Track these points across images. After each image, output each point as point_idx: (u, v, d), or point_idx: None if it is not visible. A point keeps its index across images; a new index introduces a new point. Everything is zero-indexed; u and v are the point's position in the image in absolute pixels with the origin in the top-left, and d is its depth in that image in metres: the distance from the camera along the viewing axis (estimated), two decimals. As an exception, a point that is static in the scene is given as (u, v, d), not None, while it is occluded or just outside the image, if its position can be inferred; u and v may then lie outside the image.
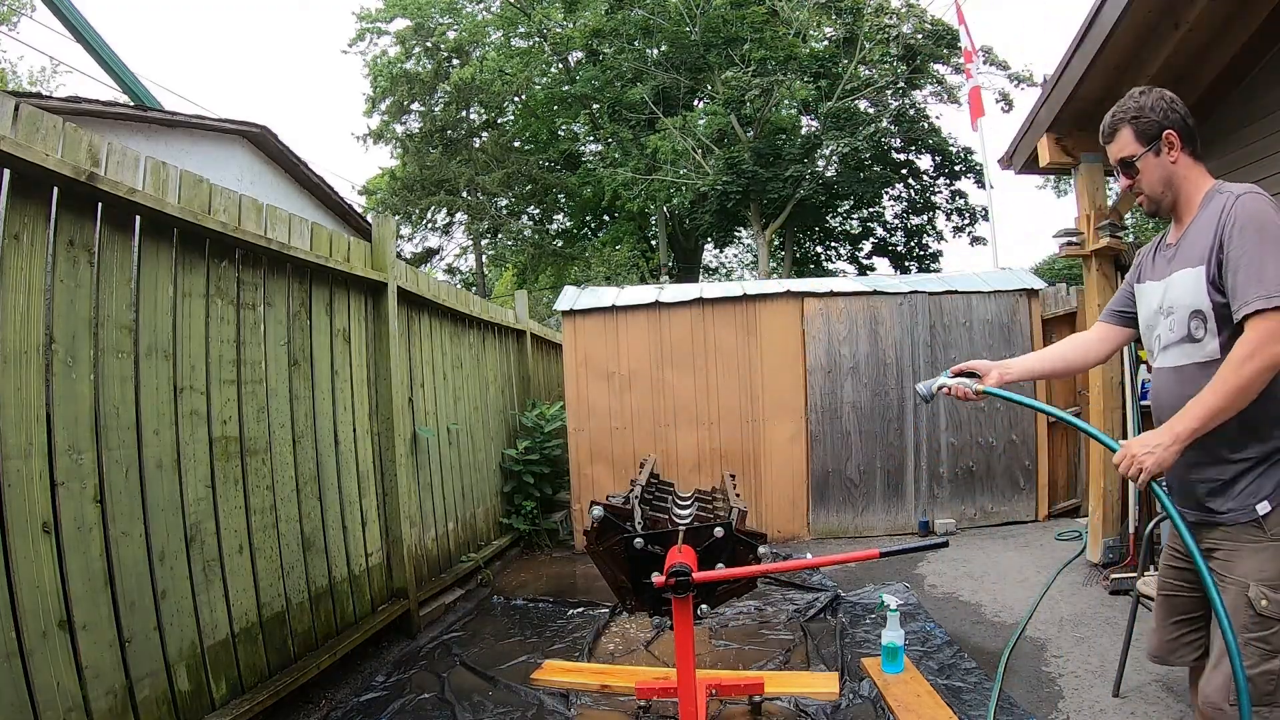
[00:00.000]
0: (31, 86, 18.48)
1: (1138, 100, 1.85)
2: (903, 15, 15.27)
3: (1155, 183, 1.82)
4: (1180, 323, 1.75)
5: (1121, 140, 1.86)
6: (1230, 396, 1.56)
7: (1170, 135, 1.79)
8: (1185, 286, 1.73)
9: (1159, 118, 1.80)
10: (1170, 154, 1.79)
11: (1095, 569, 4.30)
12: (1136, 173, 1.83)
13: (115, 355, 2.21)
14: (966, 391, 2.00)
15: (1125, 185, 1.89)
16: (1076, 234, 4.33)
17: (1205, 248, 1.68)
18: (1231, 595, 1.64)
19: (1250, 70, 3.99)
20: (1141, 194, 1.86)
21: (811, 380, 5.86)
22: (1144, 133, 1.82)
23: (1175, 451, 1.61)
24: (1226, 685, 1.60)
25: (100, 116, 6.03)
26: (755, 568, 2.27)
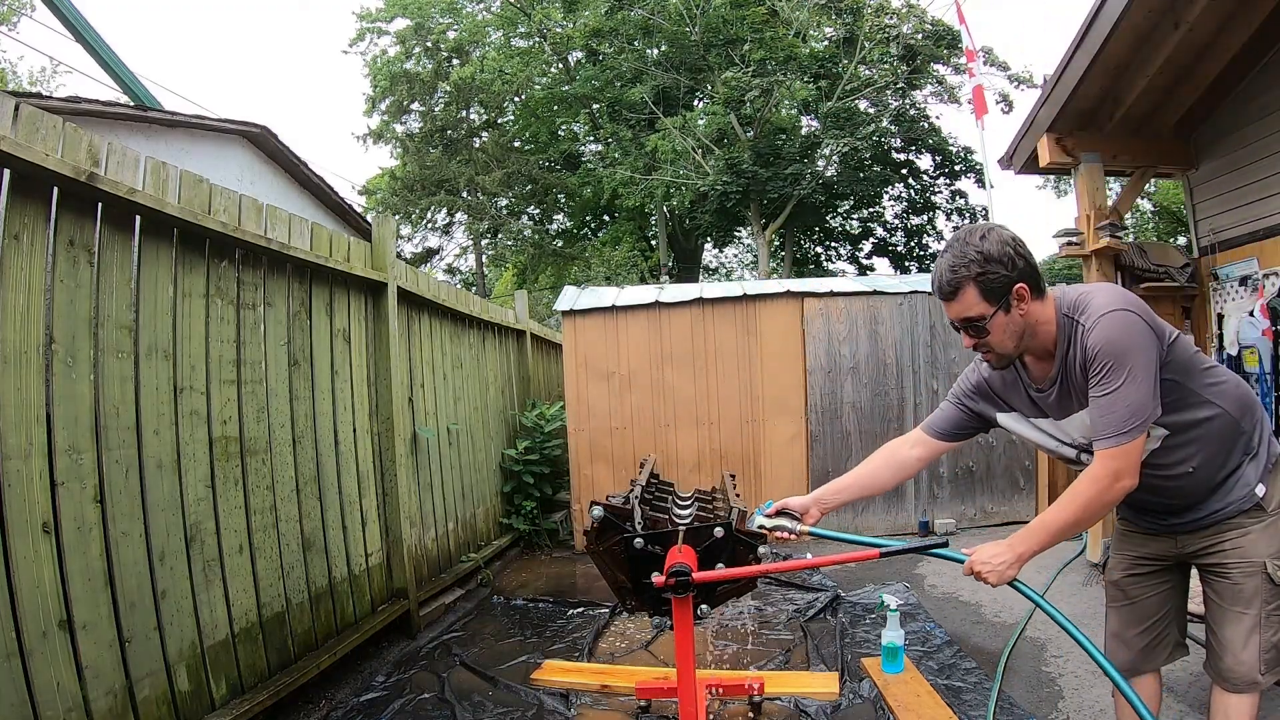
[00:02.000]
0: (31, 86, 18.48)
1: (979, 247, 1.63)
2: (903, 15, 15.28)
3: (1007, 339, 1.68)
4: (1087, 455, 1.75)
5: (966, 299, 1.65)
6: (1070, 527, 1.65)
7: (1020, 289, 1.63)
8: None
9: (1006, 271, 1.62)
10: (1021, 307, 1.65)
11: (1095, 569, 4.30)
12: (986, 333, 1.67)
13: (115, 355, 2.21)
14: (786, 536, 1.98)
15: (969, 343, 1.75)
16: (1076, 234, 4.33)
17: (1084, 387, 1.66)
18: (1252, 577, 1.70)
19: (1250, 70, 3.99)
20: (991, 353, 1.73)
21: (811, 380, 5.85)
22: (991, 291, 1.63)
23: (1015, 569, 1.67)
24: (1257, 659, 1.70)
25: (100, 116, 6.03)
26: (755, 568, 2.27)
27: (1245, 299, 4.11)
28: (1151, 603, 1.92)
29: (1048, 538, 1.66)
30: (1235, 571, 1.72)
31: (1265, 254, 4.00)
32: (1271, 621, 1.70)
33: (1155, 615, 1.92)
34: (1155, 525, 1.87)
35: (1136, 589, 1.94)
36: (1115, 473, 1.58)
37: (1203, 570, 1.82)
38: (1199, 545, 1.79)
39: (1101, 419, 1.59)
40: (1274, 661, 1.71)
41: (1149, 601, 1.92)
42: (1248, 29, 3.61)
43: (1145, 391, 1.56)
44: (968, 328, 1.70)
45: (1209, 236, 4.43)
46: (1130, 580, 1.95)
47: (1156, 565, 1.90)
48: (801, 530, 1.98)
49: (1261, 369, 3.91)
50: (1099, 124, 4.23)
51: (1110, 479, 1.59)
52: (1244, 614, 1.71)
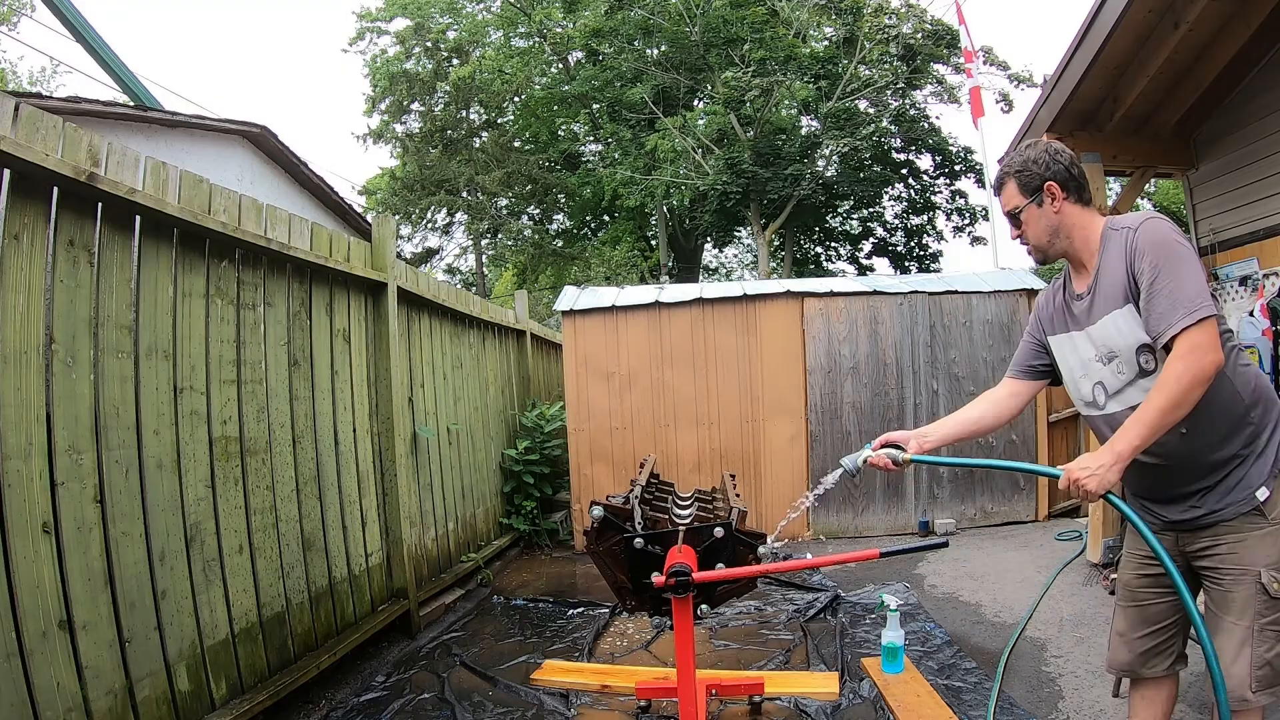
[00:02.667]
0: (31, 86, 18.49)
1: (1022, 154, 1.88)
2: (903, 15, 15.27)
3: (1041, 232, 1.86)
4: (1129, 363, 1.76)
5: (1007, 193, 1.90)
6: (1168, 412, 1.59)
7: (1051, 186, 1.82)
8: (1120, 328, 1.75)
9: (1041, 170, 1.84)
10: (1053, 204, 1.83)
11: (1095, 569, 4.30)
12: (1022, 224, 1.89)
13: (115, 355, 2.21)
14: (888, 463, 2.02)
15: (1014, 235, 1.93)
16: (1076, 234, 4.33)
17: (1122, 286, 1.72)
18: (1244, 586, 1.67)
19: (1250, 70, 3.99)
20: (1028, 244, 1.90)
21: (811, 380, 5.85)
22: (1026, 185, 1.85)
23: (1117, 471, 1.64)
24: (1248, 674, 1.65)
25: (100, 116, 6.03)
26: (755, 568, 2.27)
27: (1245, 299, 4.11)
28: (1158, 609, 1.90)
29: (1147, 430, 1.61)
30: (1227, 577, 1.71)
31: (1265, 254, 4.00)
32: (1265, 636, 1.66)
33: (1160, 623, 1.91)
34: (1158, 519, 1.86)
35: (1144, 592, 1.92)
36: (1199, 347, 1.56)
37: (1200, 574, 1.81)
38: (1197, 546, 1.77)
39: (1170, 303, 1.61)
40: (1267, 680, 1.67)
41: (1155, 608, 1.91)
42: (1248, 29, 3.61)
43: (1202, 278, 1.62)
44: (1010, 219, 1.92)
45: (1209, 236, 4.43)
46: (1139, 581, 1.93)
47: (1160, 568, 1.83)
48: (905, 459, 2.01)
49: (1261, 368, 3.92)
50: (1099, 124, 4.23)
51: (1197, 354, 1.56)
52: (1235, 624, 1.69)
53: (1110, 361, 1.80)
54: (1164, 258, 1.63)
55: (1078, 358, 1.89)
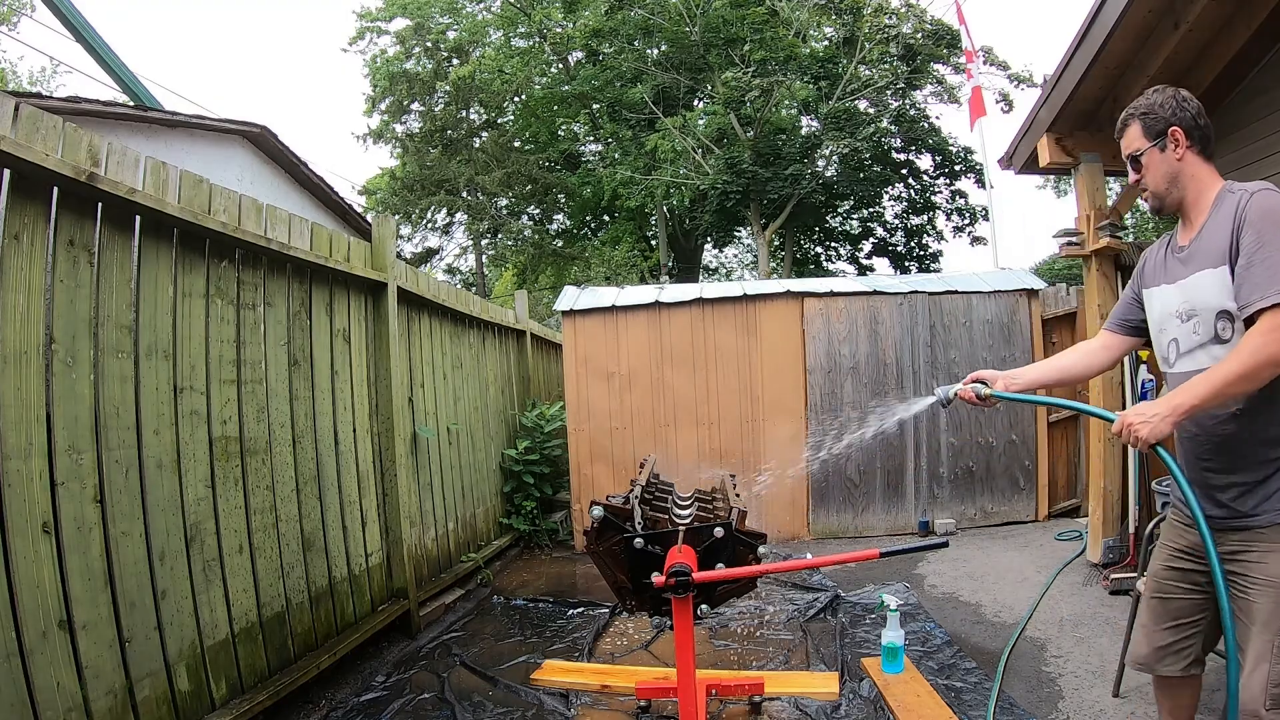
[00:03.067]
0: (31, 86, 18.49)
1: (1149, 98, 1.86)
2: (902, 15, 15.28)
3: (1160, 179, 1.83)
4: (1206, 324, 1.72)
5: (1130, 135, 1.87)
6: (1236, 382, 1.55)
7: (1175, 132, 1.79)
8: (1208, 288, 1.70)
9: (1167, 114, 1.81)
10: (1176, 151, 1.79)
11: (1095, 569, 4.30)
12: (1142, 168, 1.85)
13: (115, 355, 2.21)
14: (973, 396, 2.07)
15: (1133, 179, 1.89)
16: (1076, 234, 4.34)
17: (1223, 248, 1.66)
18: (1269, 599, 1.62)
19: (1250, 70, 3.99)
20: (1146, 190, 1.86)
21: (811, 380, 5.85)
22: (1150, 128, 1.82)
23: (1171, 424, 1.62)
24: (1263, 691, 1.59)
25: (100, 116, 6.03)
26: (755, 568, 2.27)
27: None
28: (1182, 605, 1.87)
29: (1210, 391, 1.58)
30: (1254, 588, 1.65)
31: (1265, 254, 3.99)
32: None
33: (1181, 619, 1.88)
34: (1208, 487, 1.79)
35: (1171, 585, 1.89)
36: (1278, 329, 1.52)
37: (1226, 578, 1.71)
38: (1227, 549, 1.70)
39: (1265, 276, 1.56)
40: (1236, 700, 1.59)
41: (1179, 603, 1.88)
42: (1248, 29, 3.60)
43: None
44: (1131, 162, 1.88)
45: (1209, 236, 4.42)
46: (1167, 574, 1.91)
47: (1192, 563, 1.84)
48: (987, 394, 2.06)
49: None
50: (1099, 124, 4.23)
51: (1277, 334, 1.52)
52: (1256, 637, 1.63)
53: (1189, 320, 1.77)
54: (1273, 229, 1.58)
55: (1164, 310, 1.86)
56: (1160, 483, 3.91)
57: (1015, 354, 5.82)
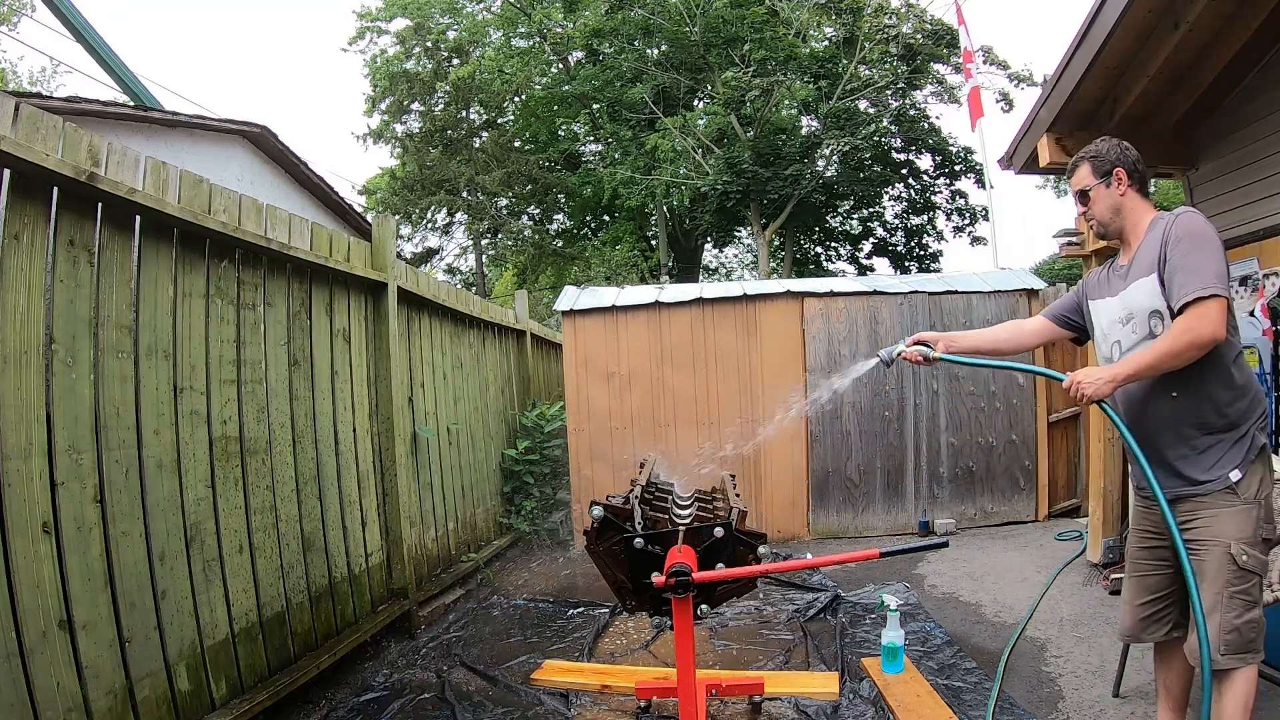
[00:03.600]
0: (31, 86, 18.49)
1: (1096, 146, 2.21)
2: (902, 15, 15.27)
3: (1105, 210, 2.18)
4: (1141, 323, 2.05)
5: (1080, 174, 2.22)
6: (1162, 358, 1.90)
7: (1119, 172, 2.15)
8: (1143, 293, 2.04)
9: (1112, 158, 2.17)
10: (1119, 187, 2.15)
11: (1095, 569, 4.30)
12: (1090, 200, 2.20)
13: (115, 355, 2.21)
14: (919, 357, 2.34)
15: (1081, 211, 2.24)
16: (1076, 234, 4.33)
17: (1153, 260, 2.01)
18: (1216, 556, 1.90)
19: (1250, 70, 3.98)
20: (1094, 219, 2.21)
21: (811, 380, 5.85)
22: (1098, 169, 2.17)
23: (1112, 386, 1.97)
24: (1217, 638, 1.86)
25: (100, 116, 6.03)
26: (755, 568, 2.27)
27: (1245, 299, 4.11)
28: (1156, 580, 2.15)
29: (1143, 364, 1.93)
30: (1202, 548, 1.92)
31: (1265, 254, 4.00)
32: (1234, 604, 1.87)
33: (1157, 592, 2.15)
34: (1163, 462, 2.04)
35: (1145, 563, 2.18)
36: (1204, 316, 1.84)
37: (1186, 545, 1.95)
38: (1183, 519, 1.96)
39: (1189, 276, 1.89)
40: (1234, 645, 1.87)
41: (1153, 578, 2.16)
42: (1248, 29, 3.60)
43: (1222, 268, 1.90)
44: (1080, 196, 2.22)
45: (1209, 236, 4.42)
46: (1140, 553, 2.19)
47: (1159, 540, 2.11)
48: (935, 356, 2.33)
49: (1261, 369, 3.91)
50: (1099, 124, 4.22)
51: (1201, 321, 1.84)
52: (1206, 590, 1.89)
53: (1128, 323, 2.09)
54: (1194, 241, 1.92)
55: (1107, 318, 2.19)
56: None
57: (1016, 355, 5.81)
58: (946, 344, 2.39)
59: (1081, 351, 4.73)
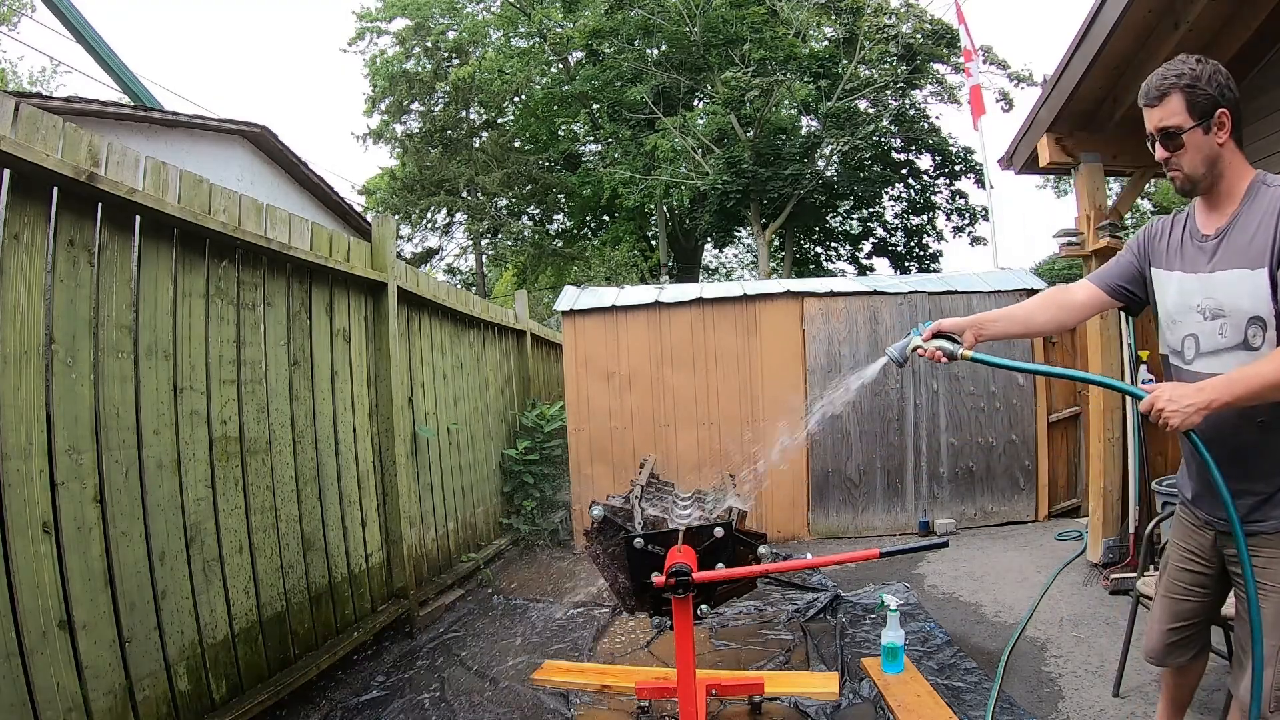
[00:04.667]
0: (31, 86, 18.48)
1: (1193, 68, 1.65)
2: (902, 15, 15.27)
3: (1199, 162, 1.68)
4: (1236, 328, 1.62)
5: (1170, 107, 1.66)
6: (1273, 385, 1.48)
7: (1223, 115, 1.65)
8: (1241, 290, 1.60)
9: (1215, 92, 1.64)
10: (1220, 134, 1.66)
11: (1095, 569, 4.30)
12: (1180, 146, 1.67)
13: (115, 355, 2.21)
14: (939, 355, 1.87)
15: (1163, 156, 1.71)
16: (1076, 234, 4.33)
17: (1263, 249, 1.56)
18: (1273, 603, 1.60)
19: (1250, 70, 3.98)
20: (1179, 171, 1.70)
21: (811, 380, 5.85)
22: (1196, 105, 1.64)
23: (1203, 415, 1.53)
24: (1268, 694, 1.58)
25: (100, 116, 6.03)
26: (755, 568, 2.27)
27: (1245, 299, 4.10)
28: (1192, 607, 1.89)
29: (1248, 392, 1.50)
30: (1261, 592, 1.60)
31: (1265, 254, 3.99)
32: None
33: (1188, 619, 1.90)
34: (1206, 514, 1.78)
35: (1182, 588, 1.89)
36: None
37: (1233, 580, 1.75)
38: (1232, 552, 1.66)
39: None
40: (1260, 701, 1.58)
41: (1186, 605, 1.89)
42: (1247, 29, 3.60)
43: None
44: (1164, 137, 1.68)
45: (1209, 236, 4.42)
46: (1179, 575, 1.89)
47: (1200, 565, 1.83)
48: (963, 354, 1.84)
49: (1261, 369, 3.91)
50: (1099, 124, 4.23)
51: None
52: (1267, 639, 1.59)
53: (1214, 319, 1.66)
54: None
55: (1181, 301, 1.73)
56: (1160, 482, 3.91)
57: (1015, 354, 5.81)
58: (976, 332, 1.91)
59: (1080, 349, 4.73)
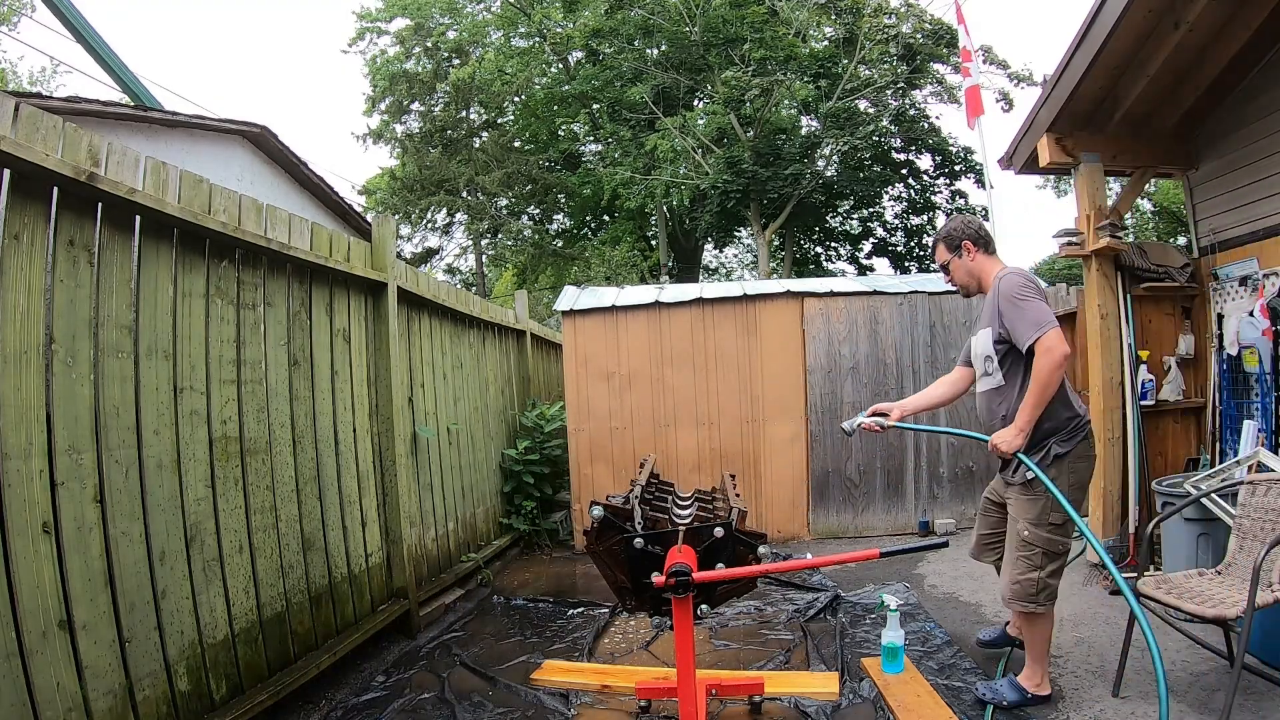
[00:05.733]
0: (31, 86, 18.48)
1: (946, 226, 2.87)
2: (902, 15, 15.27)
3: (962, 276, 2.84)
4: (980, 364, 2.79)
5: (939, 252, 2.88)
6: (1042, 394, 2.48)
7: (967, 244, 2.79)
8: (983, 340, 2.73)
9: (959, 235, 2.81)
10: (969, 256, 2.80)
11: (1095, 569, 4.30)
12: (949, 271, 2.86)
13: (115, 355, 2.21)
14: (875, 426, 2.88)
15: (946, 279, 2.91)
16: (1076, 234, 4.33)
17: (991, 315, 2.67)
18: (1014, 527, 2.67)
19: (1250, 70, 3.99)
20: (957, 285, 2.88)
21: (811, 380, 5.85)
22: (950, 245, 2.83)
23: (1022, 438, 2.55)
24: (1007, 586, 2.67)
25: (100, 116, 6.03)
26: (755, 568, 2.27)
27: (1245, 299, 4.11)
28: (993, 520, 2.95)
29: (1031, 410, 2.51)
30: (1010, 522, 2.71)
31: (1265, 254, 4.00)
32: (1018, 564, 2.62)
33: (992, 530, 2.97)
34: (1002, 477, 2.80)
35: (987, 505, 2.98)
36: (1050, 348, 2.44)
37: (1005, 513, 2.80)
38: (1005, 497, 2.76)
39: (1024, 324, 2.51)
40: (1017, 594, 2.62)
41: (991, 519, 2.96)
42: (1248, 29, 3.61)
43: (1046, 309, 2.52)
44: (943, 268, 2.90)
45: (1209, 236, 4.42)
46: (986, 505, 2.99)
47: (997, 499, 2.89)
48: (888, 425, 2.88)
49: (1261, 369, 3.91)
50: (1099, 124, 4.23)
51: (1049, 353, 2.43)
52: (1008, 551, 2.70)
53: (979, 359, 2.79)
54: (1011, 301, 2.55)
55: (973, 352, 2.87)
56: (1160, 483, 3.91)
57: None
58: (900, 411, 2.91)
59: (1080, 349, 4.74)
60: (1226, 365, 4.20)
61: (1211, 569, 2.86)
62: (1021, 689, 2.68)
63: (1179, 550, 3.60)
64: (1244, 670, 2.49)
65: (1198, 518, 3.48)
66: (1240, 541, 2.79)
